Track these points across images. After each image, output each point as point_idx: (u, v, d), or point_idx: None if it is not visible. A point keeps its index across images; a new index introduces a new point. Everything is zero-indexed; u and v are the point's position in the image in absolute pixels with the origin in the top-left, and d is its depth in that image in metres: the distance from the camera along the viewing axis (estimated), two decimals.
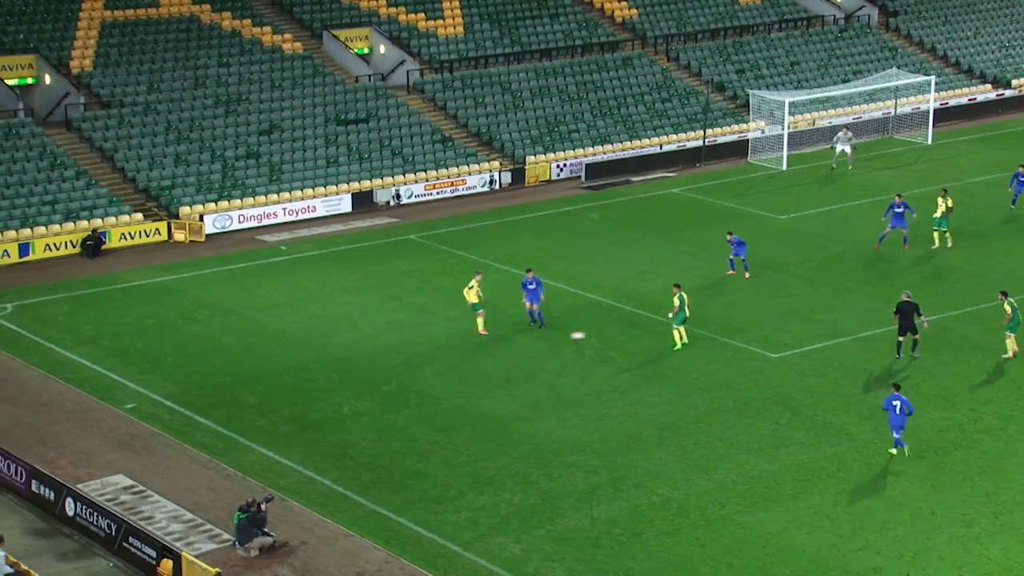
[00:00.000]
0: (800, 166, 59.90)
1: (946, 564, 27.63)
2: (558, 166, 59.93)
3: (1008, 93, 71.12)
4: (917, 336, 37.92)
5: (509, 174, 59.11)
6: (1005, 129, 65.09)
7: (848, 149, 58.82)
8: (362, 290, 45.64)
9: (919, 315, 37.71)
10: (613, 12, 71.59)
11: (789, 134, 60.78)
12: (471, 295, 40.49)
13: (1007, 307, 37.71)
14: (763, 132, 63.01)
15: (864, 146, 62.54)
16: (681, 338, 39.42)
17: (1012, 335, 37.95)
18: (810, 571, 27.62)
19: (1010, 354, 37.86)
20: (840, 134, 59.54)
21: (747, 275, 44.98)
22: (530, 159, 59.87)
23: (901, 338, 37.90)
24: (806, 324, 41.06)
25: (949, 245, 47.41)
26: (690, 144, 62.37)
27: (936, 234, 47.58)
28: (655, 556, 28.35)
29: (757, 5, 74.48)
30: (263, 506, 28.62)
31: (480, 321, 40.55)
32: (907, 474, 31.43)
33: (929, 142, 62.98)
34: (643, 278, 45.71)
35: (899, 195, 47.49)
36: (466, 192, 57.86)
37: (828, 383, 36.72)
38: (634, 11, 71.75)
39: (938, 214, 47.38)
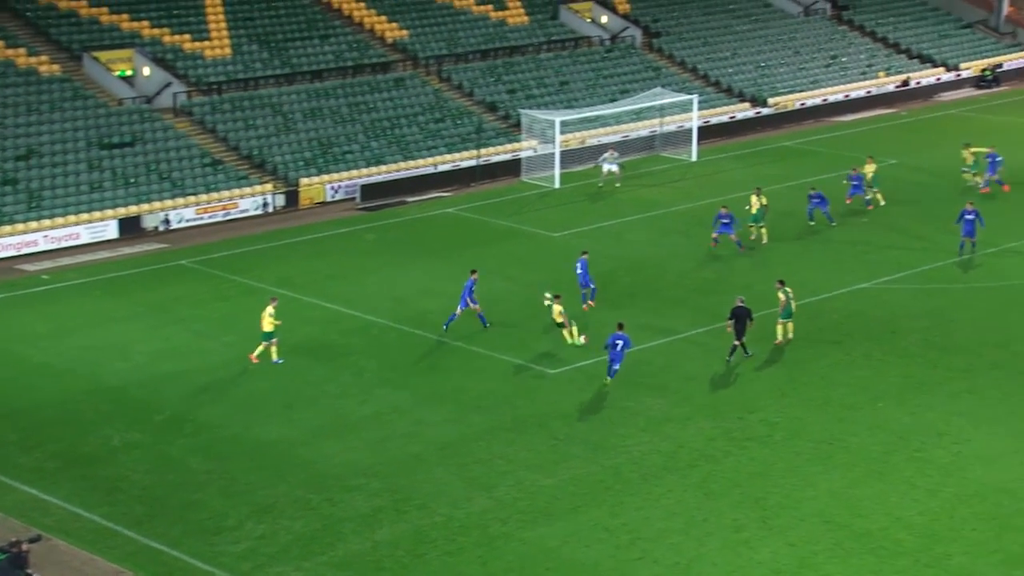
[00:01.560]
0: (572, 184, 61.00)
1: (718, 570, 28.41)
2: (332, 188, 59.53)
3: (765, 111, 74.03)
4: (741, 341, 39.54)
5: (283, 197, 58.40)
6: (763, 146, 67.69)
7: (615, 168, 60.24)
8: (132, 318, 44.33)
9: (751, 320, 39.21)
10: (384, 33, 71.63)
11: (561, 153, 61.82)
12: (267, 323, 39.70)
13: (781, 295, 40.12)
14: (535, 151, 63.94)
15: (632, 164, 64.12)
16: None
17: (784, 322, 40.29)
18: None
19: (780, 339, 40.25)
20: (606, 154, 60.98)
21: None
22: (304, 181, 59.29)
23: (736, 342, 39.25)
24: (577, 339, 41.72)
25: (764, 241, 50.81)
26: (464, 164, 62.84)
27: (753, 229, 50.74)
28: None
29: (526, 26, 75.64)
30: (24, 546, 27.33)
31: (273, 350, 39.80)
32: (680, 483, 32.22)
33: (694, 159, 64.98)
34: (421, 298, 45.75)
35: (724, 207, 50.77)
36: (239, 216, 56.91)
37: (604, 397, 37.39)
38: (404, 32, 71.95)
39: (753, 211, 50.94)
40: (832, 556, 28.85)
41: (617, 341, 37.42)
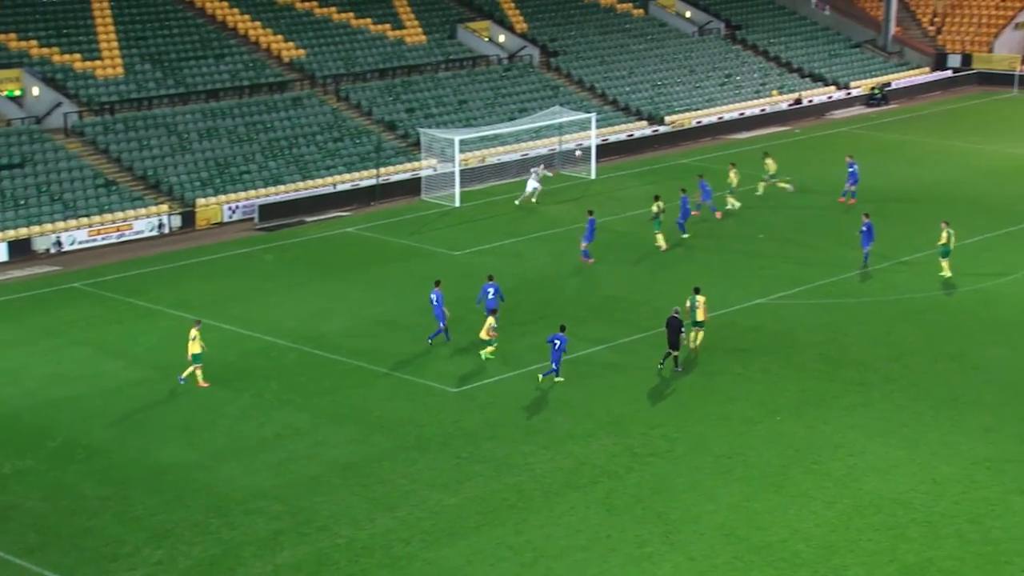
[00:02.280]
0: (472, 202, 61.04)
1: None
2: (230, 208, 58.92)
3: (662, 129, 74.83)
4: (677, 353, 40.00)
5: (179, 217, 57.67)
6: (660, 163, 68.37)
7: (538, 186, 60.50)
8: (23, 343, 43.39)
9: (681, 331, 39.70)
10: (280, 52, 71.18)
11: (460, 171, 61.87)
12: (194, 346, 38.96)
13: (689, 302, 41.59)
14: (435, 170, 63.92)
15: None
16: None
17: (696, 330, 41.60)
18: None
19: (692, 345, 41.68)
20: (535, 170, 61.22)
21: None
22: (200, 202, 58.59)
23: (671, 350, 39.93)
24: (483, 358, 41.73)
25: (664, 248, 52.39)
26: (364, 183, 62.58)
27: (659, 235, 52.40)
28: None
29: (423, 45, 75.69)
30: None
31: (199, 373, 39.12)
32: (583, 500, 32.31)
33: (593, 176, 65.41)
34: (321, 318, 45.41)
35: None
36: (134, 237, 56.05)
37: (507, 415, 37.40)
38: (301, 51, 71.55)
39: (651, 218, 52.73)
40: (732, 569, 29.11)
41: (555, 340, 38.76)
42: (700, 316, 41.25)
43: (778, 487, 32.98)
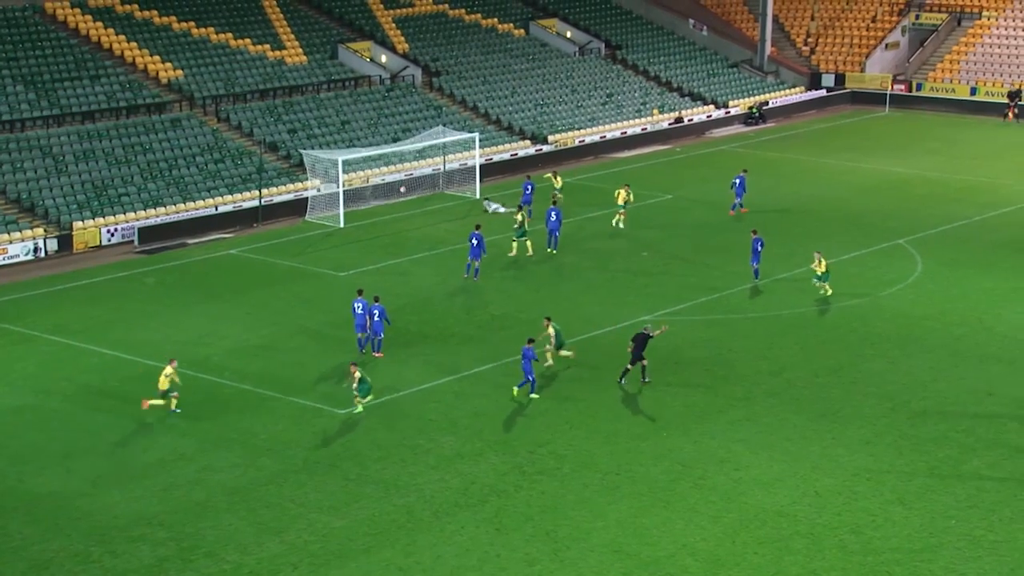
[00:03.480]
0: (357, 223, 60.75)
1: None
2: (109, 231, 57.86)
3: (546, 148, 75.32)
4: (645, 362, 40.36)
5: (55, 241, 56.46)
6: (546, 183, 68.61)
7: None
8: None
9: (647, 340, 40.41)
10: (158, 73, 70.18)
11: (344, 192, 61.55)
12: (164, 382, 38.40)
13: (551, 331, 41.88)
14: (319, 191, 63.51)
15: (418, 201, 64.39)
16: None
17: (554, 352, 42.08)
18: None
19: (550, 362, 42.02)
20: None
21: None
22: (77, 225, 57.45)
23: (630, 366, 40.17)
24: (371, 378, 41.44)
25: (529, 254, 53.33)
26: (246, 204, 61.93)
27: (515, 244, 53.12)
28: None
29: (304, 65, 75.23)
30: None
31: (174, 401, 38.65)
32: (473, 519, 32.27)
33: (477, 196, 65.56)
34: (204, 342, 44.76)
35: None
36: (8, 261, 54.71)
37: (395, 436, 37.23)
38: (179, 72, 70.63)
39: (516, 226, 53.71)
40: None
41: (527, 352, 39.47)
42: (563, 353, 41.99)
43: (665, 503, 33.30)
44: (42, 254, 55.85)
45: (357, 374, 38.35)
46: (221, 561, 30.23)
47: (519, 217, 54.25)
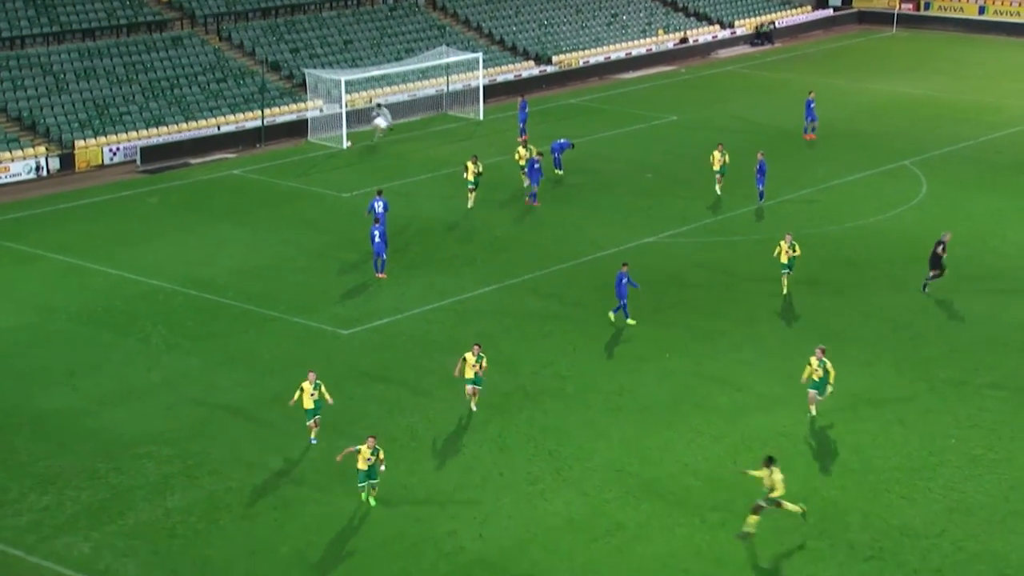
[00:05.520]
0: (360, 144, 60.51)
1: (514, 522, 28.80)
2: (111, 150, 57.65)
3: (550, 69, 74.76)
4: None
5: (57, 160, 56.28)
6: (549, 104, 68.31)
7: (383, 123, 60.23)
8: None
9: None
10: None
11: (347, 112, 61.23)
12: (307, 400, 31.87)
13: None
14: (321, 111, 63.16)
15: (420, 123, 64.02)
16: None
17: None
18: (389, 541, 28.03)
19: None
20: (377, 110, 60.86)
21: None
22: (79, 144, 57.23)
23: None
24: (374, 300, 41.59)
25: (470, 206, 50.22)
26: (249, 124, 61.62)
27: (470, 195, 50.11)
28: (233, 541, 27.94)
29: None
30: None
31: (314, 430, 32.28)
32: (476, 439, 32.48)
33: (481, 117, 65.19)
34: (208, 262, 44.78)
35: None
36: (10, 180, 54.58)
37: (399, 356, 37.36)
38: None
39: (469, 177, 49.86)
40: (623, 504, 29.56)
41: (622, 279, 38.90)
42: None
43: (668, 423, 33.49)
44: (44, 173, 55.71)
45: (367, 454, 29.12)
46: (226, 479, 30.47)
47: (522, 152, 52.34)
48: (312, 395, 31.51)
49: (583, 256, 45.00)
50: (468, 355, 33.46)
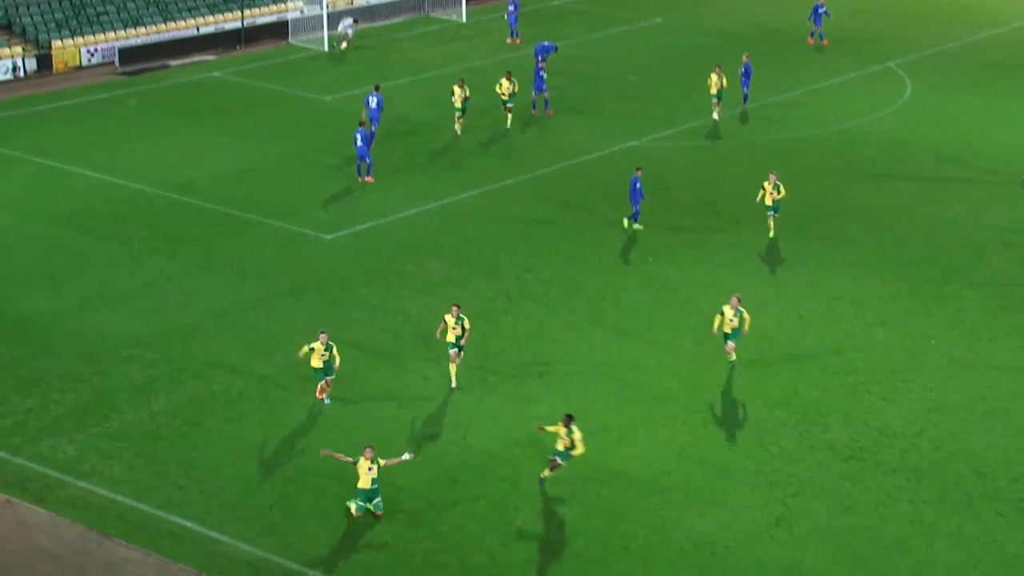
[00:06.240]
0: (342, 46, 59.80)
1: (498, 424, 29.00)
2: (88, 51, 56.93)
3: None
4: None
5: (34, 60, 55.57)
6: (533, 6, 67.46)
7: (350, 30, 59.40)
8: None
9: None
10: None
11: (328, 14, 60.44)
12: (315, 359, 29.55)
13: None
14: (303, 13, 62.34)
15: (402, 25, 63.32)
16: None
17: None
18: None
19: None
20: (346, 20, 59.98)
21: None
22: (56, 44, 56.47)
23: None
24: (357, 204, 41.43)
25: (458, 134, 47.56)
26: (228, 26, 60.83)
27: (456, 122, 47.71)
28: (218, 443, 28.10)
29: None
30: None
31: (326, 389, 29.97)
32: (458, 347, 32.50)
33: (463, 19, 64.45)
34: (189, 166, 44.47)
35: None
36: None
37: (381, 261, 37.31)
38: None
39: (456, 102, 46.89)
40: (606, 407, 29.77)
41: (636, 183, 38.58)
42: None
43: (650, 327, 33.62)
44: (21, 74, 55.02)
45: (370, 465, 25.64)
46: (210, 382, 30.56)
47: (505, 84, 47.78)
48: (323, 356, 29.02)
49: (567, 160, 44.84)
50: (448, 317, 30.16)
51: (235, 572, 23.97)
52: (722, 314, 31.19)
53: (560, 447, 26.37)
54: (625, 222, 39.25)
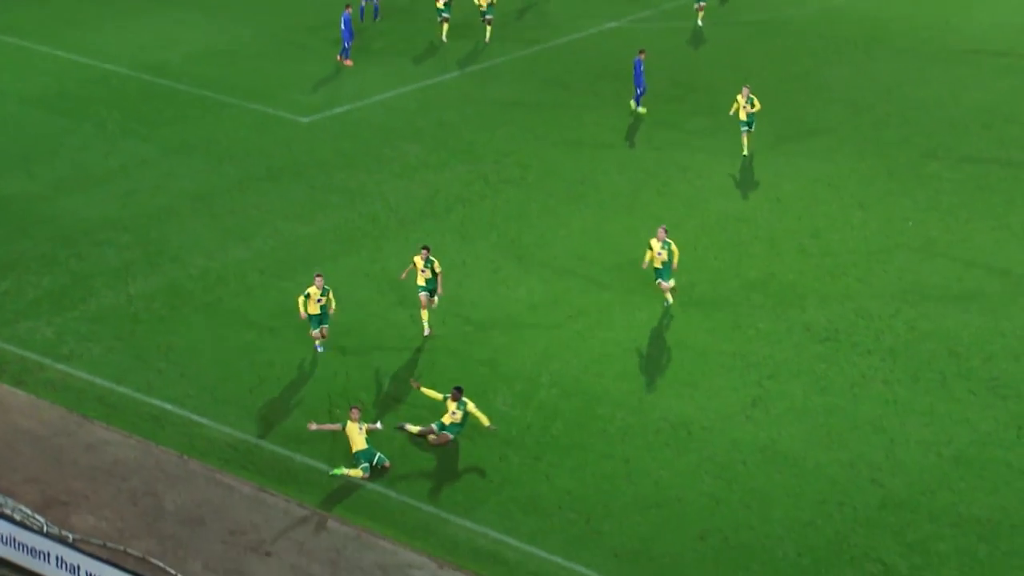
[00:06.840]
0: None
1: (478, 309, 29.04)
2: None
3: None
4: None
5: None
6: None
7: None
8: None
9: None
10: None
11: None
12: (312, 305, 27.11)
13: None
14: None
15: None
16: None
17: None
18: (354, 327, 28.18)
19: None
20: None
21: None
22: None
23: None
24: (334, 87, 40.99)
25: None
26: None
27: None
28: (196, 327, 28.10)
29: None
30: None
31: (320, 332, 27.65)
32: (438, 227, 32.47)
33: None
34: (162, 46, 43.80)
35: None
36: None
37: (359, 145, 37.04)
38: None
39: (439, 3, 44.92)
40: (584, 291, 29.83)
41: (639, 65, 38.20)
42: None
43: (628, 210, 33.59)
44: None
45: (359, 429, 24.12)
46: (187, 265, 30.47)
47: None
48: (319, 301, 26.87)
49: (545, 42, 44.36)
50: (417, 259, 27.75)
51: (216, 454, 24.13)
52: (650, 248, 28.75)
53: (447, 421, 24.27)
54: (632, 104, 38.93)
